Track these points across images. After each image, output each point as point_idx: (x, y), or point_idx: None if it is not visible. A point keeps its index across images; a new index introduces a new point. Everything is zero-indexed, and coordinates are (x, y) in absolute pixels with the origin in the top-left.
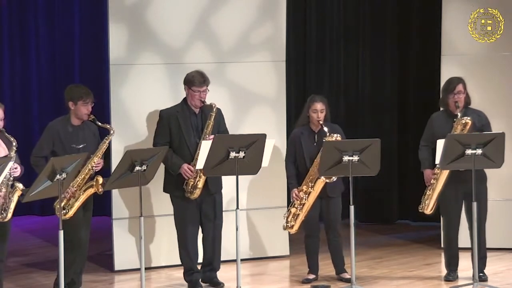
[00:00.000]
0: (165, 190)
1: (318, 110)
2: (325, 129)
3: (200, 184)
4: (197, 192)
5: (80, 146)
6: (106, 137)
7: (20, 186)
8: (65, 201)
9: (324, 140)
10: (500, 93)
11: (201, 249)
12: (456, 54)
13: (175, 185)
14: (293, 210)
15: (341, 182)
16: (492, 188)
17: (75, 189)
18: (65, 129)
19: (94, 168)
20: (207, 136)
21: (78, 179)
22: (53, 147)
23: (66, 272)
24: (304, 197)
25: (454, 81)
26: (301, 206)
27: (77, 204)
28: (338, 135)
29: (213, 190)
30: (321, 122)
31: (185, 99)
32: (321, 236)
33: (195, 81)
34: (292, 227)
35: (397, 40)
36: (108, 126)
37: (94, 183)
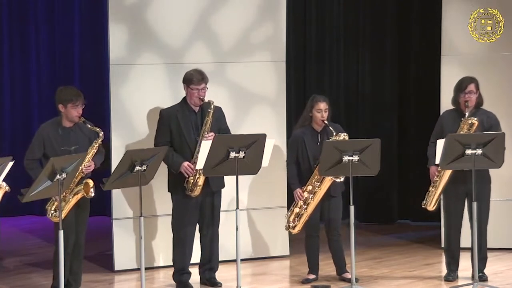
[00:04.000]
0: (169, 189)
1: (322, 109)
2: (331, 128)
3: (200, 182)
4: (197, 190)
5: (72, 148)
6: (95, 141)
7: (3, 184)
8: (56, 203)
9: (328, 140)
10: (500, 93)
11: (199, 249)
12: (456, 54)
13: (177, 184)
14: (296, 210)
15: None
16: (492, 188)
17: (65, 192)
18: (56, 131)
19: (84, 171)
20: (206, 133)
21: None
22: (44, 150)
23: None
24: (310, 197)
25: (466, 80)
26: (306, 206)
27: (67, 207)
28: (345, 134)
29: (214, 188)
30: (325, 122)
31: (185, 98)
32: (321, 236)
33: (193, 79)
34: (294, 227)
35: (397, 40)
36: (98, 129)
37: (83, 186)
